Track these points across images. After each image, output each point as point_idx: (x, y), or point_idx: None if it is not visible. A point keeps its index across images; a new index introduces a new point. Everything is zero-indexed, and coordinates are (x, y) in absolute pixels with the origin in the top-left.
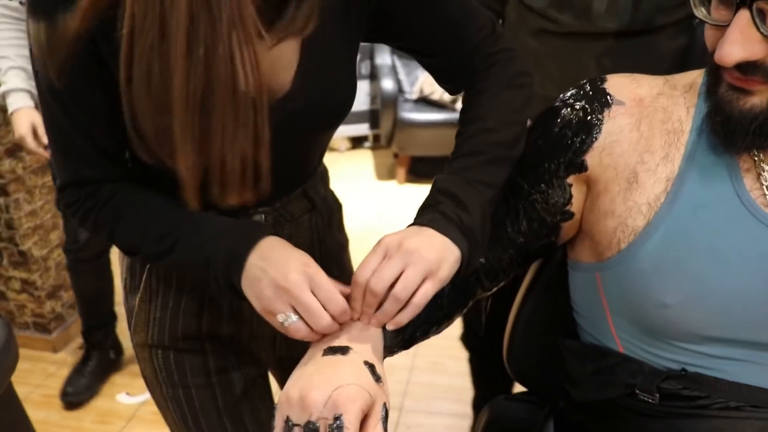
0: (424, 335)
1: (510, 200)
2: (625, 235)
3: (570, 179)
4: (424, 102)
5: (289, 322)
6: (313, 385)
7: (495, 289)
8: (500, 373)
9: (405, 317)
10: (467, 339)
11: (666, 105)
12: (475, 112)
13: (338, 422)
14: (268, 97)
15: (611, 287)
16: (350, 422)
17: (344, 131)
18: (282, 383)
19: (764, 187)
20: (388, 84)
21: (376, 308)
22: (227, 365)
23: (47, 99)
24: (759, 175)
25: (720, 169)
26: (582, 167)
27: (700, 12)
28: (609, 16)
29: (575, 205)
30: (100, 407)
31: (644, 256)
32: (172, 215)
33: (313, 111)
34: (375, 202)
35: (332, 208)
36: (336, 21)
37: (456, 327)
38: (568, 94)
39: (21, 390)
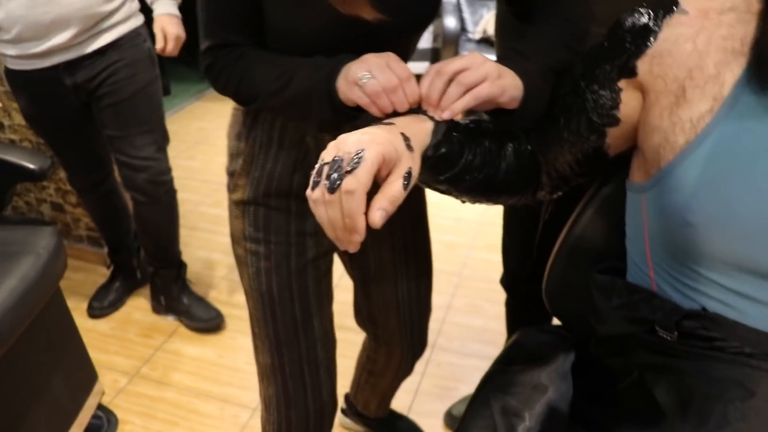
0: (473, 189)
1: (567, 97)
2: (666, 152)
3: (621, 83)
4: (487, 43)
5: (366, 79)
6: (349, 134)
7: (555, 196)
8: (536, 318)
9: (461, 104)
10: (506, 281)
11: (733, 22)
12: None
13: (358, 155)
14: None
15: (650, 208)
16: (368, 158)
17: None
18: (348, 266)
19: None
20: (451, 22)
21: (441, 95)
22: (306, 230)
23: None
24: None
25: None
26: (632, 72)
27: None
28: None
29: (623, 112)
30: (144, 322)
31: (680, 175)
32: (289, 61)
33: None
34: None
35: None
36: None
37: (496, 270)
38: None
39: (73, 299)
